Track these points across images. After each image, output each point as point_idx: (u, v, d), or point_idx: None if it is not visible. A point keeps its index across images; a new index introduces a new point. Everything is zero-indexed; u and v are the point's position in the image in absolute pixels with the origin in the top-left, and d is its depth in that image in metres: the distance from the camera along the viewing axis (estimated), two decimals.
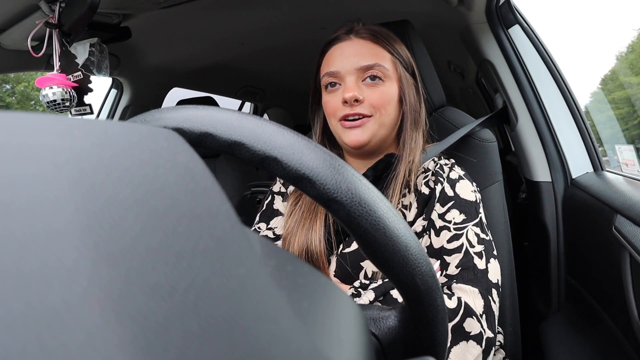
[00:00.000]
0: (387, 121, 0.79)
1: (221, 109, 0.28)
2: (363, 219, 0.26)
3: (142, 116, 0.30)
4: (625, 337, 0.82)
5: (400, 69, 0.80)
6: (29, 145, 0.14)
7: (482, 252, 0.71)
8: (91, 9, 0.88)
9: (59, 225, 0.12)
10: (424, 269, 0.29)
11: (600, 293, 0.94)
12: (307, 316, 0.20)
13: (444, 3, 1.19)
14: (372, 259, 0.28)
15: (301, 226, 0.78)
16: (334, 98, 0.79)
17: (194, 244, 0.15)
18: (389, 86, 0.78)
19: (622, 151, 1.35)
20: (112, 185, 0.14)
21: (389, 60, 0.79)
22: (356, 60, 0.77)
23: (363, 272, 0.70)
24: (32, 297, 0.10)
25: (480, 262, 0.70)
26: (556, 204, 1.13)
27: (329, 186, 0.26)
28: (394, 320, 0.37)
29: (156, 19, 1.30)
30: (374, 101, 0.76)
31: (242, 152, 0.27)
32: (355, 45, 0.79)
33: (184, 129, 0.28)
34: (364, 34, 0.80)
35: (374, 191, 0.27)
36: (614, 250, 0.83)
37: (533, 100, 1.15)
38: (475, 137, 0.96)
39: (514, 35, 1.21)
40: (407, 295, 0.31)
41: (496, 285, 0.71)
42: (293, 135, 0.27)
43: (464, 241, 0.72)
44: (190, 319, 0.13)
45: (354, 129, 0.77)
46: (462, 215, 0.74)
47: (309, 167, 0.26)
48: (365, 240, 0.27)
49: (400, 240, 0.27)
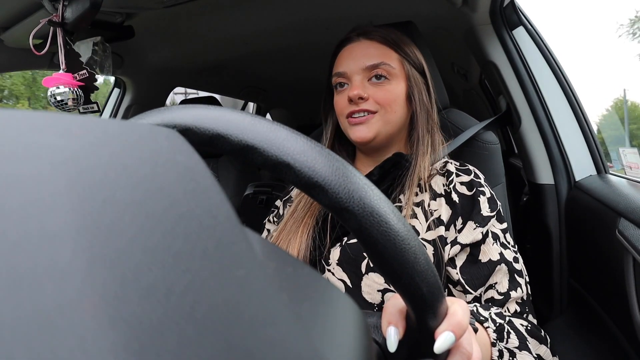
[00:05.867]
0: (393, 119, 0.80)
1: (234, 111, 0.28)
2: (374, 229, 0.26)
3: (151, 113, 0.29)
4: (628, 341, 0.82)
5: (407, 68, 0.82)
6: (26, 143, 0.14)
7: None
8: (94, 7, 0.88)
9: (54, 225, 0.12)
10: (431, 280, 0.29)
11: (603, 296, 0.94)
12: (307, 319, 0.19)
13: (448, 4, 1.18)
14: (381, 268, 0.28)
15: (286, 233, 0.79)
16: (342, 97, 0.81)
17: (192, 245, 0.14)
18: (395, 84, 0.80)
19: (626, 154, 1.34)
20: (110, 185, 0.14)
21: (396, 59, 0.81)
22: (363, 60, 0.79)
23: (365, 261, 0.71)
24: (22, 300, 0.10)
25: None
26: (559, 206, 1.12)
27: (341, 195, 0.26)
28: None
29: (159, 18, 1.30)
30: (379, 98, 0.78)
31: (254, 156, 0.26)
32: (363, 47, 0.81)
33: (195, 129, 0.27)
34: (373, 36, 0.82)
35: (385, 202, 0.27)
36: (617, 254, 0.82)
37: (537, 103, 1.15)
38: (478, 139, 0.96)
39: (518, 37, 1.20)
40: (414, 305, 0.31)
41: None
42: (307, 141, 0.27)
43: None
44: (186, 322, 0.12)
45: (359, 125, 0.79)
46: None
47: (322, 175, 0.26)
48: (375, 250, 0.27)
49: (410, 251, 0.27)
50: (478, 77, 1.83)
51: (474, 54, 1.34)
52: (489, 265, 0.69)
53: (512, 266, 0.69)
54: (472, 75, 1.87)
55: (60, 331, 0.10)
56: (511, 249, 0.72)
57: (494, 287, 0.68)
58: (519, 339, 0.58)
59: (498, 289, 0.68)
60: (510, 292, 0.67)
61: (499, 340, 0.56)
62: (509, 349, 0.56)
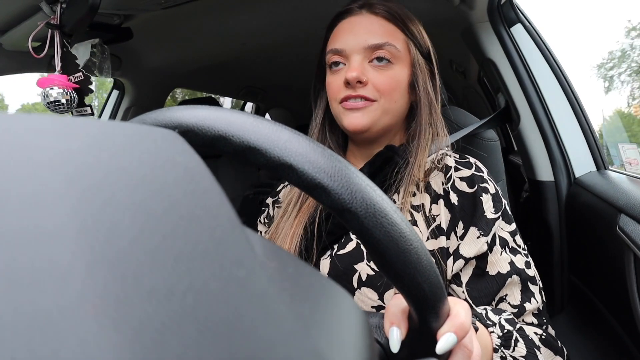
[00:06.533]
0: (393, 108, 0.71)
1: (236, 112, 0.28)
2: (377, 230, 0.26)
3: (153, 114, 0.29)
4: (629, 337, 0.82)
5: (413, 51, 0.72)
6: (26, 146, 0.14)
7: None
8: (92, 9, 0.87)
9: (54, 227, 0.12)
10: (433, 280, 0.29)
11: (604, 293, 0.94)
12: (308, 319, 0.19)
13: (446, 2, 1.18)
14: (383, 269, 0.28)
15: (278, 232, 0.74)
16: (336, 79, 0.71)
17: (193, 246, 0.14)
18: (398, 70, 0.70)
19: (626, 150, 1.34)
20: (110, 186, 0.14)
21: (402, 40, 0.71)
22: (365, 38, 0.69)
23: (357, 275, 0.65)
24: (24, 302, 0.10)
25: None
26: (559, 203, 1.12)
27: (344, 196, 0.26)
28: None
29: (157, 20, 1.30)
30: (380, 85, 0.69)
31: (257, 157, 0.26)
32: (366, 22, 0.71)
33: (197, 130, 0.27)
34: (378, 10, 0.71)
35: (388, 202, 0.27)
36: (617, 250, 0.82)
37: (535, 99, 1.15)
38: (478, 136, 0.96)
39: (516, 34, 1.20)
40: (416, 306, 0.31)
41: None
42: (309, 142, 0.27)
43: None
44: (188, 323, 0.12)
45: (355, 112, 0.69)
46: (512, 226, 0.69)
47: (324, 176, 0.26)
48: (378, 251, 0.27)
49: (412, 252, 0.27)
50: (477, 74, 1.83)
51: (472, 51, 1.34)
52: (497, 278, 0.63)
53: (524, 274, 0.63)
54: (470, 72, 1.87)
55: (61, 333, 0.10)
56: (522, 254, 0.66)
57: (505, 299, 0.63)
58: (528, 348, 0.54)
59: (510, 302, 0.62)
60: (524, 305, 0.62)
61: (505, 348, 0.52)
62: (514, 357, 0.53)
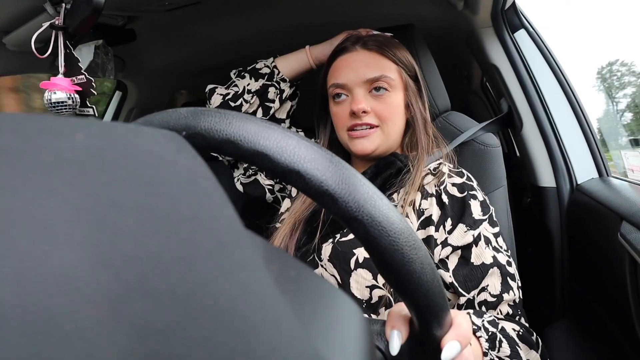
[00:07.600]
0: (393, 131, 0.82)
1: (244, 116, 0.27)
2: (383, 239, 0.26)
3: (159, 115, 0.29)
4: (630, 344, 0.81)
5: (405, 77, 0.83)
6: (30, 147, 0.14)
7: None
8: (96, 11, 0.88)
9: (58, 229, 0.12)
10: (436, 290, 0.29)
11: (605, 299, 0.93)
12: (309, 322, 0.19)
13: (450, 7, 1.19)
14: (387, 277, 0.28)
15: (282, 230, 0.81)
16: (341, 109, 0.82)
17: (196, 248, 0.15)
18: (394, 96, 0.81)
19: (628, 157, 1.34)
20: (114, 189, 0.14)
21: (394, 69, 0.82)
22: (363, 72, 0.79)
23: (354, 258, 0.72)
24: (29, 304, 0.10)
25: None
26: (561, 209, 1.12)
27: (351, 204, 0.26)
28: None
29: (161, 22, 1.30)
30: (381, 112, 0.79)
31: (264, 163, 0.26)
32: (361, 57, 0.81)
33: (205, 134, 0.27)
34: (370, 46, 0.82)
35: (394, 212, 0.27)
36: (619, 257, 0.82)
37: (538, 105, 1.15)
38: (480, 141, 0.96)
39: (520, 40, 1.20)
40: (419, 314, 0.31)
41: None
42: (317, 149, 0.27)
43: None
44: (190, 325, 0.12)
45: (361, 139, 0.80)
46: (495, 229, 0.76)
47: (332, 184, 0.26)
48: (382, 259, 0.27)
49: (417, 262, 0.27)
50: (480, 79, 1.83)
51: (475, 56, 1.34)
52: (482, 268, 0.70)
53: (505, 269, 0.70)
54: (473, 78, 1.87)
55: (66, 335, 0.10)
56: (504, 253, 0.72)
57: (487, 289, 0.69)
58: (511, 347, 0.58)
59: (490, 291, 0.68)
60: (502, 295, 0.68)
61: (491, 349, 0.56)
62: (501, 358, 0.57)
